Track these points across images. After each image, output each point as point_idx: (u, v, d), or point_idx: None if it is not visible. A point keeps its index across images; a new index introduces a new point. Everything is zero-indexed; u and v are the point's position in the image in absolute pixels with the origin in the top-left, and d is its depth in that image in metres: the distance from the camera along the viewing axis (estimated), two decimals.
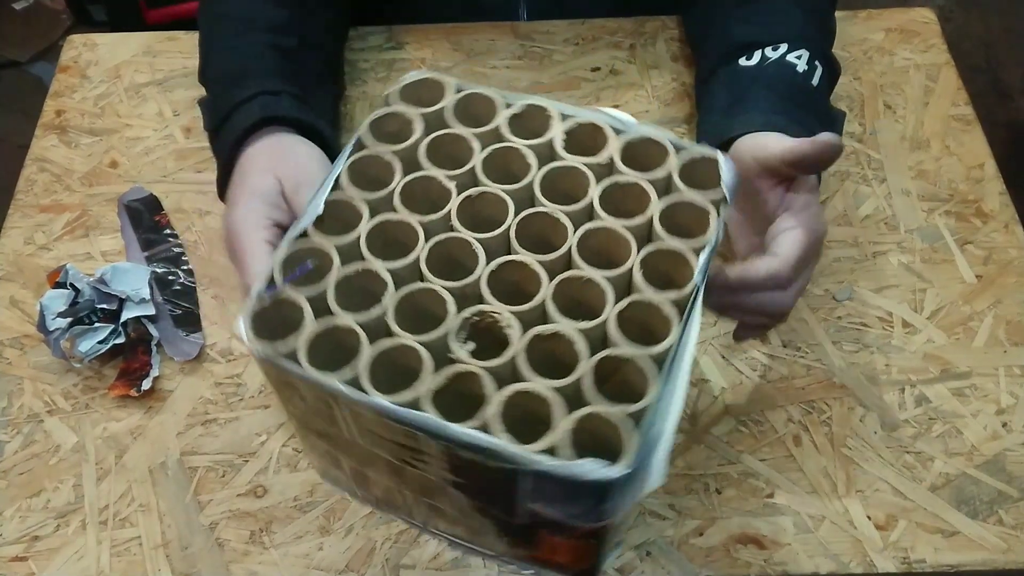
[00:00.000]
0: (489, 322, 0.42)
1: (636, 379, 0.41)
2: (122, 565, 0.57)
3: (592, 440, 0.39)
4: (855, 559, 0.56)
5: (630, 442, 0.38)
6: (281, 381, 0.43)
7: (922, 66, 0.80)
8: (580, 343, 0.41)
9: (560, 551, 0.48)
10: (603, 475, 0.37)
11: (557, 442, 0.39)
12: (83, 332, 0.63)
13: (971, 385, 0.63)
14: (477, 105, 0.50)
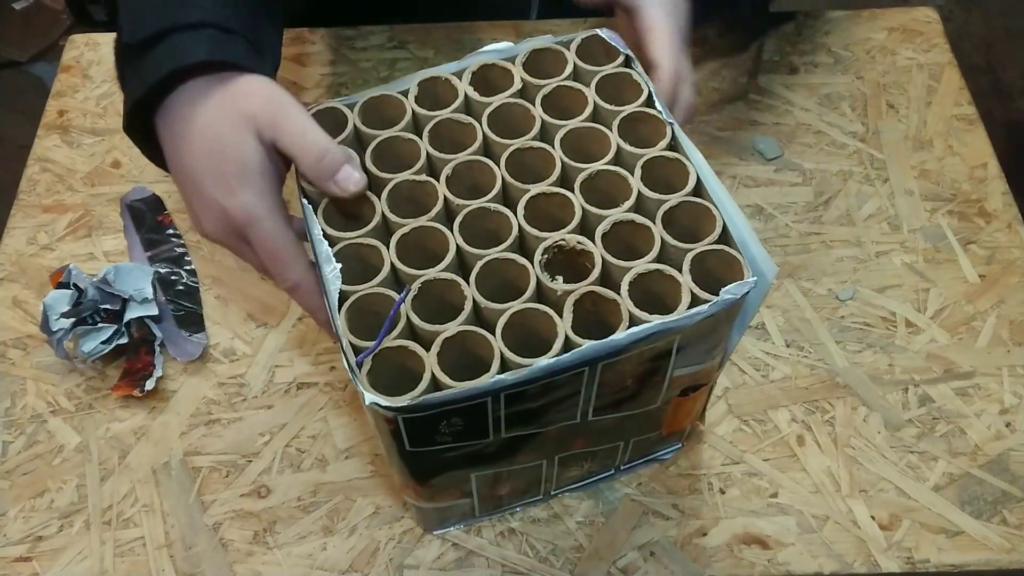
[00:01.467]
0: (568, 250, 0.45)
1: (696, 222, 0.46)
2: (125, 565, 0.57)
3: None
4: (859, 559, 0.56)
5: (740, 260, 0.44)
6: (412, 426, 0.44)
7: (925, 66, 0.80)
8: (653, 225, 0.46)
9: (682, 413, 0.53)
10: (747, 287, 0.42)
11: (683, 297, 0.43)
12: (86, 332, 0.63)
13: (974, 385, 0.63)
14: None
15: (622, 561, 0.57)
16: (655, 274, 0.44)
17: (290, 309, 0.67)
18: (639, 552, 0.57)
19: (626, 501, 0.59)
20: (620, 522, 0.58)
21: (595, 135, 0.49)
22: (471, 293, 0.44)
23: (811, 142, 0.75)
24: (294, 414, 0.62)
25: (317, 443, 0.61)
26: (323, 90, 0.79)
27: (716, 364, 0.50)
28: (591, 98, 0.51)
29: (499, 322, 0.43)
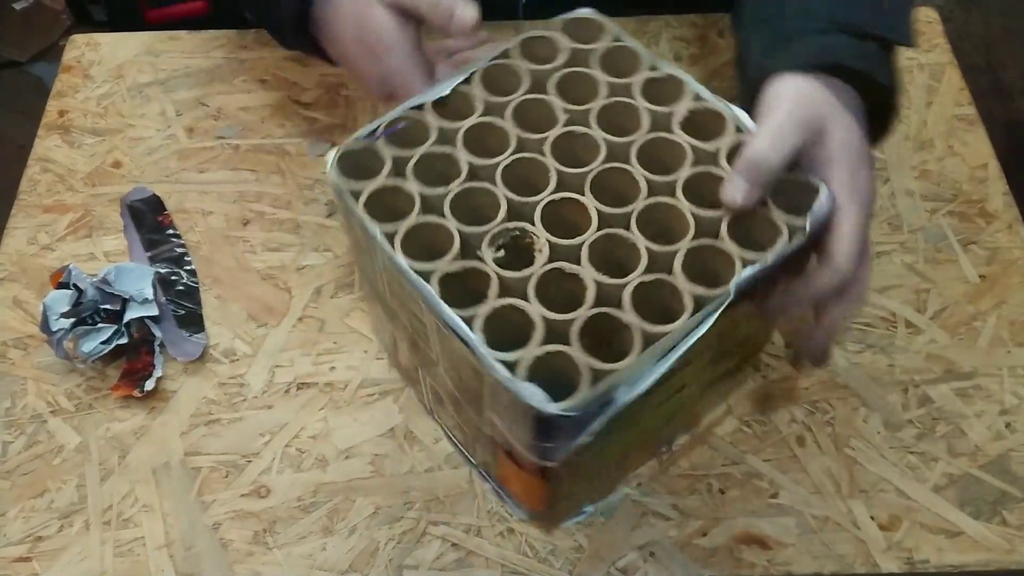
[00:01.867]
0: (526, 242, 0.46)
1: (625, 344, 0.43)
2: (125, 565, 0.57)
3: (559, 379, 0.42)
4: (859, 559, 0.56)
5: (583, 391, 0.41)
6: (346, 219, 0.49)
7: (925, 66, 0.80)
8: (591, 291, 0.44)
9: (513, 479, 0.52)
10: (541, 406, 0.40)
11: (521, 359, 0.42)
12: (86, 333, 0.63)
13: (975, 385, 0.63)
14: (623, 57, 0.53)
15: (622, 561, 0.56)
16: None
17: (290, 309, 0.67)
18: (639, 552, 0.57)
19: (626, 501, 0.59)
20: (620, 522, 0.58)
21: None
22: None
23: None
24: (294, 414, 0.62)
25: (317, 443, 0.61)
26: (323, 90, 0.79)
27: (537, 466, 0.49)
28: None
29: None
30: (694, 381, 0.51)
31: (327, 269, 0.69)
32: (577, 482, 0.51)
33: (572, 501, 0.55)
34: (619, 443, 0.50)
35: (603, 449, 0.48)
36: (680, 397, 0.51)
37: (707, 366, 0.51)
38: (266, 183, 0.73)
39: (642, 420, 0.49)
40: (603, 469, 0.53)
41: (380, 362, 0.64)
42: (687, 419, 0.59)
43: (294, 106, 0.78)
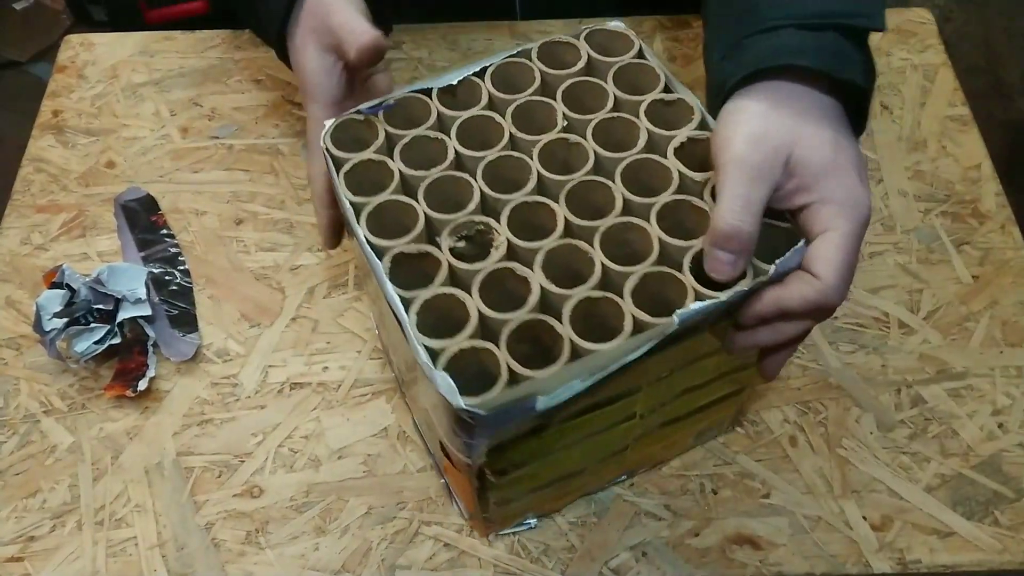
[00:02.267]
0: (488, 237, 0.46)
1: (556, 354, 0.42)
2: (118, 565, 0.57)
3: (487, 378, 0.42)
4: (851, 560, 0.56)
5: (496, 391, 0.41)
6: (335, 191, 0.49)
7: (919, 66, 0.80)
8: (534, 296, 0.44)
9: (450, 473, 0.53)
10: (450, 397, 0.40)
11: (446, 348, 0.42)
12: (79, 332, 0.63)
13: (967, 386, 0.63)
14: (640, 74, 0.53)
15: (614, 562, 0.56)
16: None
17: (283, 309, 0.67)
18: (631, 552, 0.57)
19: (618, 501, 0.59)
20: (612, 522, 0.58)
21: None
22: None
23: None
24: (287, 414, 0.62)
25: (310, 443, 0.61)
26: None
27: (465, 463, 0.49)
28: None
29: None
30: (649, 412, 0.50)
31: (320, 269, 0.69)
32: (511, 490, 0.51)
33: (509, 509, 0.54)
34: (554, 458, 0.49)
35: (535, 458, 0.48)
36: (632, 426, 0.51)
37: (668, 401, 0.51)
38: (260, 183, 0.73)
39: (578, 439, 0.49)
40: (542, 482, 0.52)
41: (373, 362, 0.64)
42: (650, 452, 0.57)
43: (288, 106, 0.78)
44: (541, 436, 0.45)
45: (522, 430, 0.43)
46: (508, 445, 0.44)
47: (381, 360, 0.64)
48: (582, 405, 0.44)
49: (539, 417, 0.41)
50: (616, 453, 0.54)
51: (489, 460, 0.45)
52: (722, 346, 0.48)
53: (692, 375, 0.50)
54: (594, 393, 0.42)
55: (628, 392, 0.47)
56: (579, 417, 0.46)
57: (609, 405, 0.46)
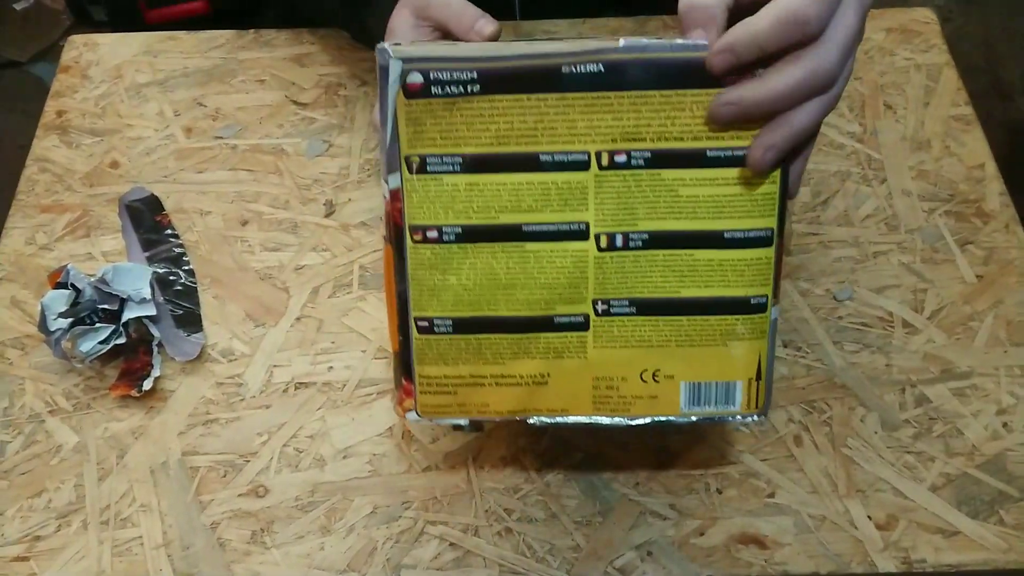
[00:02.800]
0: None
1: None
2: (123, 565, 0.57)
3: None
4: (856, 559, 0.56)
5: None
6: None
7: (923, 66, 0.80)
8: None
9: (387, 293, 0.50)
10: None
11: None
12: (84, 332, 0.63)
13: (972, 385, 0.63)
14: None
15: (619, 561, 0.57)
16: None
17: (288, 309, 0.67)
18: (636, 552, 0.57)
19: (623, 501, 0.59)
20: (617, 522, 0.58)
21: None
22: None
23: None
24: (292, 414, 0.62)
25: (315, 443, 0.61)
26: (322, 90, 0.79)
27: None
28: None
29: None
30: (607, 243, 0.46)
31: (325, 269, 0.69)
32: (431, 293, 0.47)
33: (431, 348, 0.49)
34: (487, 262, 0.47)
35: (457, 207, 0.46)
36: (585, 256, 0.46)
37: (634, 242, 0.46)
38: (264, 183, 0.74)
39: (507, 216, 0.46)
40: (468, 298, 0.48)
41: (378, 362, 0.64)
42: (625, 355, 0.49)
43: (292, 106, 0.78)
44: (471, 177, 0.45)
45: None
46: (433, 174, 0.45)
47: (386, 360, 0.64)
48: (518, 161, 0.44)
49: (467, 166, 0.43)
50: (572, 330, 0.48)
51: (410, 187, 0.45)
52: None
53: (667, 206, 0.46)
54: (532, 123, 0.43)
55: (576, 166, 0.44)
56: (515, 172, 0.44)
57: (555, 172, 0.45)
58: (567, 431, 0.61)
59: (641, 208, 0.46)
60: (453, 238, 0.47)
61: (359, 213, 0.72)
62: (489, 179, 0.45)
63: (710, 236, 0.46)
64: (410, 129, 0.45)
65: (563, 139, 0.44)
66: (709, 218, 0.46)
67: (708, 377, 0.49)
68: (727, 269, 0.47)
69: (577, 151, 0.45)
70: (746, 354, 0.48)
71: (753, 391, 0.49)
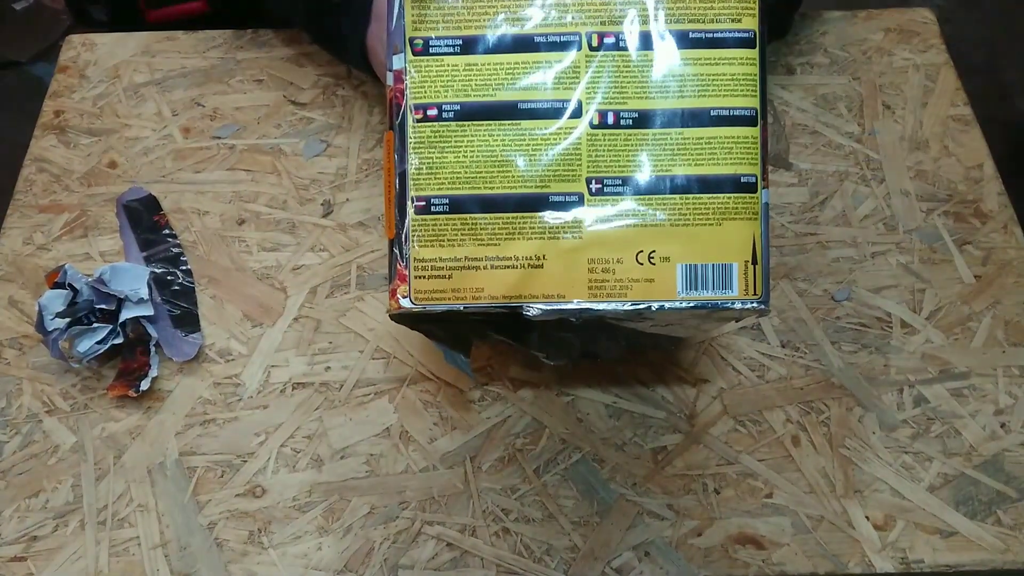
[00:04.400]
0: None
1: None
2: (121, 565, 0.57)
3: None
4: (853, 559, 0.56)
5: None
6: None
7: (921, 66, 0.80)
8: None
9: (386, 187, 0.52)
10: None
11: None
12: (81, 332, 0.63)
13: (970, 385, 0.63)
14: None
15: (617, 561, 0.57)
16: None
17: (285, 309, 0.67)
18: (634, 552, 0.57)
19: (621, 501, 0.59)
20: (615, 522, 0.58)
21: None
22: None
23: (807, 143, 0.75)
24: (289, 414, 0.62)
25: (312, 443, 0.61)
26: (319, 90, 0.79)
27: None
28: None
29: None
30: (597, 119, 0.48)
31: (323, 269, 0.69)
32: (428, 172, 0.48)
33: (426, 230, 0.49)
34: (478, 139, 0.49)
35: (458, 84, 0.48)
36: (570, 129, 0.49)
37: (622, 116, 0.48)
38: (262, 183, 0.74)
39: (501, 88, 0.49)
40: (464, 167, 0.49)
41: (375, 362, 0.64)
42: (611, 247, 0.49)
43: (290, 106, 0.78)
44: (470, 59, 0.48)
45: None
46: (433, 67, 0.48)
47: (384, 360, 0.64)
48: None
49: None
50: (567, 209, 0.49)
51: (412, 71, 0.48)
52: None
53: (655, 86, 0.49)
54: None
55: (567, 41, 0.48)
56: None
57: (544, 52, 0.48)
58: (565, 434, 0.61)
59: (630, 87, 0.48)
60: (452, 115, 0.49)
61: (357, 213, 0.72)
62: (486, 59, 0.48)
63: (697, 113, 0.48)
64: (415, 12, 0.48)
65: (555, 22, 0.48)
66: (695, 96, 0.48)
67: (704, 259, 0.49)
68: (715, 147, 0.48)
69: (568, 32, 0.48)
70: (740, 235, 0.48)
71: (750, 275, 0.49)
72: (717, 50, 0.48)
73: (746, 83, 0.48)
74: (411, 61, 0.48)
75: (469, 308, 0.49)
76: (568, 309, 0.49)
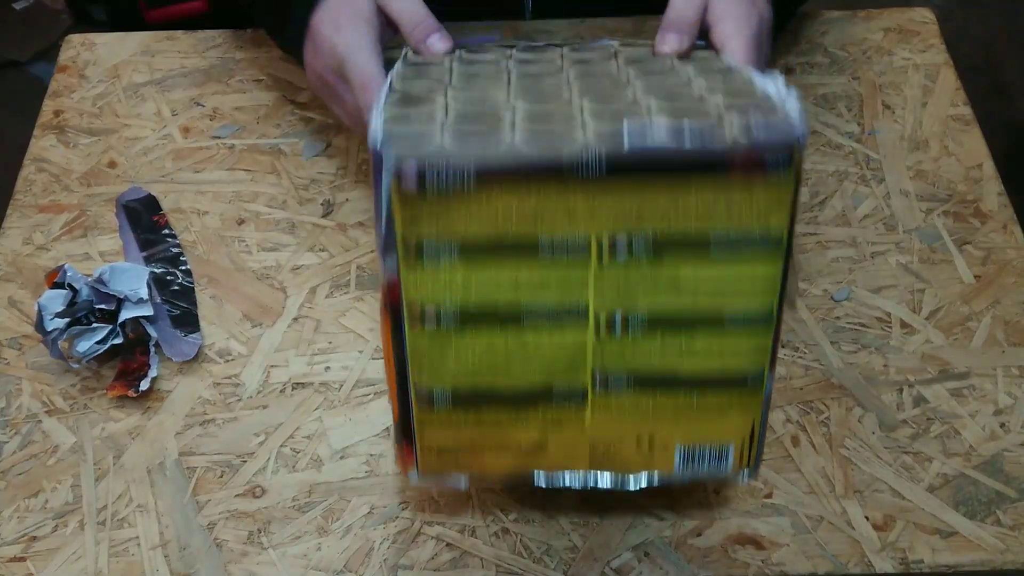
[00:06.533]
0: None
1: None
2: (120, 566, 0.57)
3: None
4: (853, 559, 0.56)
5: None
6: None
7: (921, 66, 0.80)
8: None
9: (387, 362, 0.51)
10: (374, 141, 0.42)
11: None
12: (81, 332, 0.63)
13: (969, 385, 0.63)
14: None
15: (616, 561, 0.57)
16: None
17: (285, 309, 0.67)
18: (633, 552, 0.57)
19: (620, 502, 0.59)
20: (614, 522, 0.58)
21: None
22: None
23: (807, 142, 0.75)
24: (289, 414, 0.62)
25: (312, 443, 0.61)
26: None
27: None
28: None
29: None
30: (607, 322, 0.45)
31: (322, 269, 0.69)
32: (431, 367, 0.47)
33: (433, 415, 0.48)
34: (482, 332, 0.45)
35: (455, 293, 0.44)
36: (583, 342, 0.46)
37: (635, 326, 0.45)
38: (262, 183, 0.74)
39: (508, 300, 0.44)
40: (468, 370, 0.47)
41: (375, 362, 0.64)
42: (617, 429, 0.49)
43: (289, 106, 0.78)
44: (468, 260, 0.43)
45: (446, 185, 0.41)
46: (431, 260, 0.43)
47: (383, 360, 0.64)
48: (520, 239, 0.42)
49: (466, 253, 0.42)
50: (570, 402, 0.48)
51: (408, 275, 0.43)
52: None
53: (668, 289, 0.44)
54: (533, 203, 0.41)
55: (579, 251, 0.43)
56: (517, 261, 0.43)
57: (555, 259, 0.43)
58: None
59: (641, 290, 0.44)
60: (451, 322, 0.45)
61: (357, 213, 0.72)
62: (487, 264, 0.43)
63: (710, 319, 0.45)
64: (406, 214, 0.42)
65: (562, 225, 0.42)
66: (709, 298, 0.45)
67: (703, 441, 0.49)
68: (726, 350, 0.46)
69: (577, 237, 0.43)
70: (741, 421, 0.48)
71: (745, 451, 0.49)
72: (739, 251, 0.43)
73: (766, 284, 0.44)
74: (404, 262, 0.43)
75: (475, 478, 0.51)
76: (571, 484, 0.51)
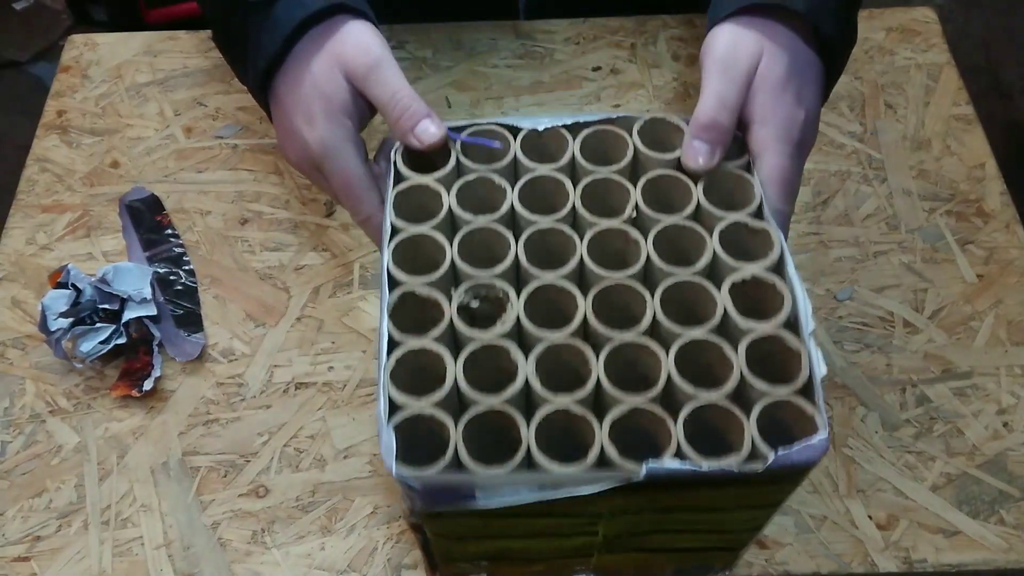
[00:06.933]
0: (500, 307, 0.44)
1: (513, 447, 0.40)
2: (124, 565, 0.57)
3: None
4: (856, 559, 0.56)
5: (431, 471, 0.39)
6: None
7: (923, 66, 0.80)
8: (514, 388, 0.41)
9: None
10: (388, 459, 0.38)
11: (405, 405, 0.41)
12: (85, 332, 0.63)
13: (972, 385, 0.63)
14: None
15: None
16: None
17: (288, 309, 0.67)
18: None
19: None
20: None
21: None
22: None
23: None
24: (292, 414, 0.62)
25: (315, 443, 0.61)
26: None
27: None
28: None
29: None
30: (614, 537, 0.46)
31: (325, 269, 0.69)
32: (452, 551, 0.48)
33: (456, 568, 0.51)
34: (502, 544, 0.47)
35: (478, 538, 0.45)
36: (593, 542, 0.47)
37: (639, 535, 0.47)
38: (264, 183, 0.74)
39: (528, 533, 0.45)
40: (487, 555, 0.49)
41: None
42: (619, 565, 0.52)
43: None
44: (486, 519, 0.42)
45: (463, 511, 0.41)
46: (449, 517, 0.42)
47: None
48: (533, 511, 0.40)
49: (481, 512, 0.40)
50: (578, 556, 0.50)
51: (428, 522, 0.43)
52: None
53: (670, 521, 0.45)
54: (545, 507, 0.39)
55: (589, 514, 0.43)
56: (530, 518, 0.42)
57: (566, 518, 0.43)
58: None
59: (648, 525, 0.46)
60: (469, 537, 0.46)
61: None
62: (502, 515, 0.42)
63: (710, 530, 0.47)
64: (421, 518, 0.43)
65: (574, 508, 0.41)
66: (710, 515, 0.45)
67: (693, 564, 0.54)
68: (722, 538, 0.49)
69: (588, 513, 0.43)
70: (728, 558, 0.53)
71: (727, 560, 0.54)
72: (740, 487, 0.42)
73: (765, 507, 0.45)
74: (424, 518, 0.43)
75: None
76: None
